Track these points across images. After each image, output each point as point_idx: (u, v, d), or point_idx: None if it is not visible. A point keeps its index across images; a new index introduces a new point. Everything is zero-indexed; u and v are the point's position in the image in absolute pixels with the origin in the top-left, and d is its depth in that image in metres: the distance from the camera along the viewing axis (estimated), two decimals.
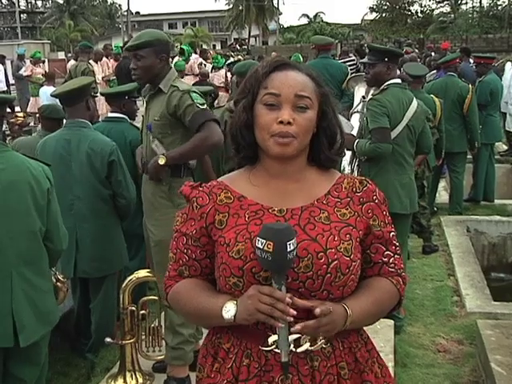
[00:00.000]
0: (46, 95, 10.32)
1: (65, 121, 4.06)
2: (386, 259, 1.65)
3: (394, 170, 4.19)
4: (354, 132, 4.51)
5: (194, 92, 3.23)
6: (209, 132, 3.14)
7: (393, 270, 1.66)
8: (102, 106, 10.42)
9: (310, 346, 1.53)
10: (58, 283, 3.10)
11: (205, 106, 3.21)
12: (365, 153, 4.18)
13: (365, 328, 1.70)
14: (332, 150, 1.66)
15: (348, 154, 4.34)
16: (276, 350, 1.51)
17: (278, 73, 1.59)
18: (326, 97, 1.63)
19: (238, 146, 1.66)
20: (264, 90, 1.57)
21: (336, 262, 1.51)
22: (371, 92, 4.63)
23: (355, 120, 4.72)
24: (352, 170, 4.38)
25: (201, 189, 1.66)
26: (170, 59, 13.49)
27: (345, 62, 8.68)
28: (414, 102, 4.25)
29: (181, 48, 12.95)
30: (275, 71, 1.59)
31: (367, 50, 4.44)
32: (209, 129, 3.15)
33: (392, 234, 1.66)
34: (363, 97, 4.76)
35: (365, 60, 4.40)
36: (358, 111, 4.79)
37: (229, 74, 10.22)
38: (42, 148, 3.82)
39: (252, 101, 1.60)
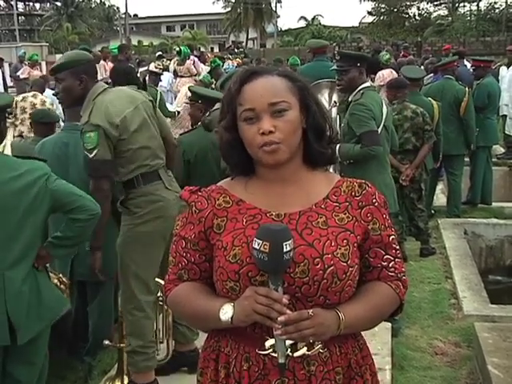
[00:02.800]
0: None
1: (62, 124, 4.05)
2: (385, 263, 1.63)
3: (377, 170, 4.24)
4: None
5: (89, 131, 3.14)
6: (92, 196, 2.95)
7: (392, 274, 1.64)
8: None
9: (307, 350, 1.53)
10: (62, 285, 3.08)
11: (93, 153, 3.12)
12: (353, 156, 4.20)
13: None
14: (321, 142, 1.64)
15: None
16: (273, 354, 1.51)
17: (249, 84, 1.58)
18: (304, 90, 1.61)
19: (228, 161, 1.68)
20: (240, 108, 1.58)
21: (332, 267, 1.51)
22: (335, 98, 4.67)
23: None
24: (334, 170, 4.41)
25: (200, 193, 1.67)
26: (168, 62, 13.38)
27: None
28: (384, 103, 4.40)
29: (178, 48, 12.96)
30: (246, 83, 1.59)
31: (337, 57, 4.46)
32: (93, 188, 3.16)
33: (392, 237, 1.65)
34: (335, 102, 4.79)
35: (335, 67, 4.41)
36: (335, 104, 4.81)
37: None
38: (39, 150, 3.80)
39: (233, 119, 1.60)
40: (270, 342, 1.51)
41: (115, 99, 3.26)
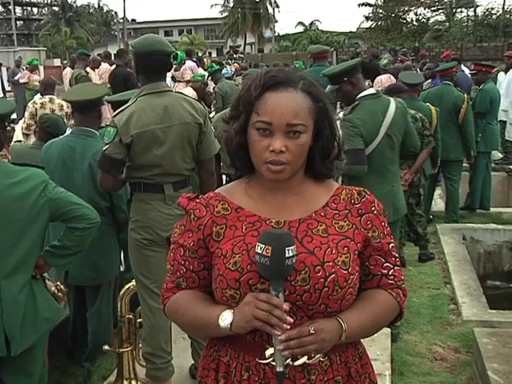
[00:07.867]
0: None
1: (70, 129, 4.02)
2: (385, 271, 1.64)
3: (373, 180, 4.04)
4: None
5: (111, 126, 3.23)
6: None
7: (392, 282, 1.64)
8: (106, 112, 10.42)
9: (308, 359, 1.52)
10: (60, 293, 3.06)
11: (106, 148, 3.21)
12: (342, 171, 4.12)
13: None
14: (325, 162, 1.63)
15: None
16: (273, 363, 1.49)
17: (271, 95, 1.53)
18: (323, 113, 1.58)
19: (234, 162, 1.67)
20: (256, 116, 1.54)
21: (333, 275, 1.51)
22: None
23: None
24: (337, 179, 4.36)
25: (198, 200, 1.66)
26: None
27: None
28: (391, 108, 4.15)
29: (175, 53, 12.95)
30: (268, 91, 1.53)
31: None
32: (99, 179, 3.35)
33: (391, 245, 1.65)
34: (341, 106, 4.74)
35: (328, 89, 4.28)
36: (339, 118, 4.77)
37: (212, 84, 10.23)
38: (46, 151, 3.79)
39: (245, 122, 1.57)
40: (270, 351, 1.50)
41: (148, 110, 3.21)
